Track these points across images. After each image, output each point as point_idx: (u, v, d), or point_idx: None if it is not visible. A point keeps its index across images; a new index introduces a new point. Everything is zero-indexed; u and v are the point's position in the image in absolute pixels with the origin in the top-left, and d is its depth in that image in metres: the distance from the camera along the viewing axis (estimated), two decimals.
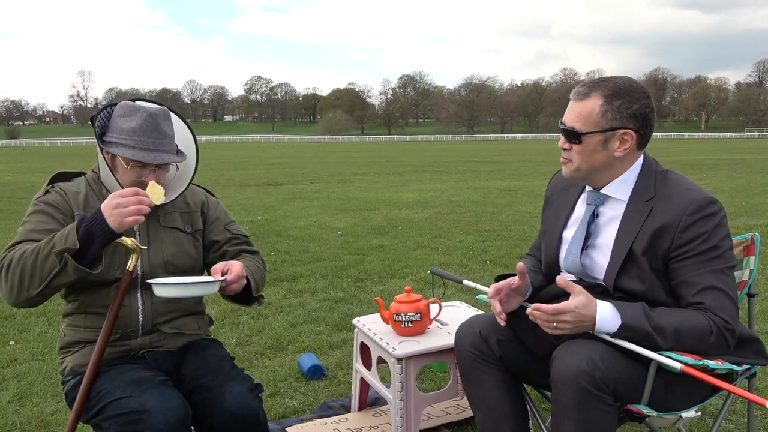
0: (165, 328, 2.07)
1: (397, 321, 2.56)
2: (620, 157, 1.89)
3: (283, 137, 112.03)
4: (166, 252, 2.07)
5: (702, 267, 1.79)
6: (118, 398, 1.77)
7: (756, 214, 9.15)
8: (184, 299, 2.01)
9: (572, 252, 2.00)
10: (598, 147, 1.88)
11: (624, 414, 1.81)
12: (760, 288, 4.96)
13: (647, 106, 1.87)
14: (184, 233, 2.13)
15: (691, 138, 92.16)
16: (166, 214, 2.10)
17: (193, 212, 2.18)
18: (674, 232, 1.81)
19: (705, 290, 1.78)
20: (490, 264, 6.12)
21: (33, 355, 3.82)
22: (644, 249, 1.84)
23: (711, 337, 1.75)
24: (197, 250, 2.16)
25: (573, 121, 1.89)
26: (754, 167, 20.55)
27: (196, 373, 1.97)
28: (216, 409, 1.85)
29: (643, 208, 1.88)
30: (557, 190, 2.19)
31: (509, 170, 20.95)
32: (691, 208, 1.80)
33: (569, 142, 1.92)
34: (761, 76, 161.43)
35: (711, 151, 38.00)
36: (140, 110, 1.97)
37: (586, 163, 1.91)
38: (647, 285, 1.85)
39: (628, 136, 1.86)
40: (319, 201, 11.94)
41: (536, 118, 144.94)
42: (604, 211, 1.98)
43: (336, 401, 3.08)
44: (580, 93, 1.90)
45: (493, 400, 2.06)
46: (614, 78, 1.90)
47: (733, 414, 2.85)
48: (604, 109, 1.85)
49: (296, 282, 5.54)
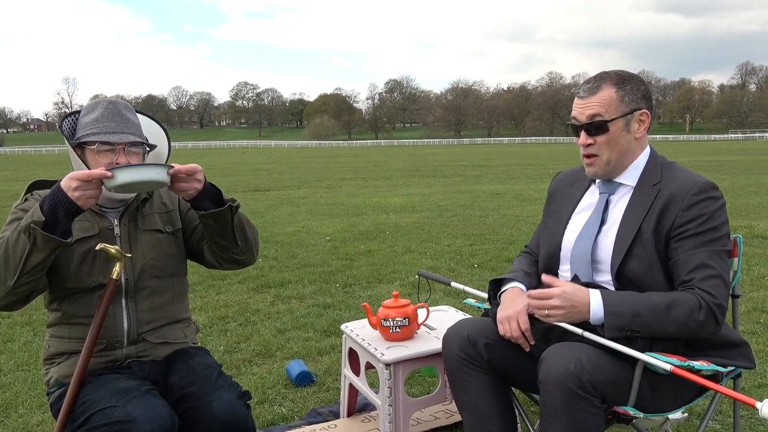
0: (150, 337, 2.05)
1: (385, 326, 2.56)
2: (639, 138, 2.00)
3: (270, 143, 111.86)
4: (147, 256, 2.05)
5: (698, 247, 1.85)
6: (103, 408, 1.75)
7: (740, 215, 9.25)
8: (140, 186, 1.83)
9: (584, 238, 2.03)
10: (623, 132, 1.97)
11: (611, 416, 1.83)
12: (744, 289, 5.01)
13: (648, 88, 2.01)
14: (165, 233, 2.11)
15: (676, 140, 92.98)
16: (144, 217, 2.09)
17: (172, 211, 2.16)
18: (677, 210, 1.88)
19: (697, 268, 1.83)
20: (478, 268, 6.14)
21: (18, 365, 3.78)
22: (652, 229, 1.90)
23: (700, 313, 1.78)
24: (180, 249, 2.15)
25: (594, 112, 1.96)
26: (738, 168, 20.75)
27: (184, 381, 1.96)
28: (204, 418, 1.84)
29: (650, 192, 1.96)
30: (563, 184, 2.26)
31: (496, 174, 21.02)
32: (695, 189, 1.88)
33: (592, 136, 1.98)
34: (744, 78, 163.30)
35: (696, 153, 38.34)
36: (100, 102, 2.02)
37: (614, 151, 1.99)
38: (647, 265, 1.89)
39: (644, 116, 1.99)
40: (307, 206, 11.92)
41: (523, 122, 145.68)
42: (613, 199, 2.05)
43: (325, 407, 3.07)
44: (590, 88, 1.98)
45: (481, 404, 2.06)
46: (610, 70, 2.01)
47: (720, 414, 2.87)
48: (620, 94, 1.95)
49: (284, 288, 5.53)
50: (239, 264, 2.12)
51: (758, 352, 3.63)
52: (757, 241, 7.13)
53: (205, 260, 2.17)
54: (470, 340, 2.08)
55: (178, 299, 2.16)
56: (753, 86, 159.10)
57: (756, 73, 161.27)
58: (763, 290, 5.00)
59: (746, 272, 5.59)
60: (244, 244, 2.06)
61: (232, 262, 2.12)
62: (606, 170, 2.02)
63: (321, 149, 76.90)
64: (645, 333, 1.79)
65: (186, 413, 1.88)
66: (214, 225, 1.97)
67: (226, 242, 2.03)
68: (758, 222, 8.48)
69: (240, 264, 2.12)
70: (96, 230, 2.00)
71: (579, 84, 2.04)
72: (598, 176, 2.06)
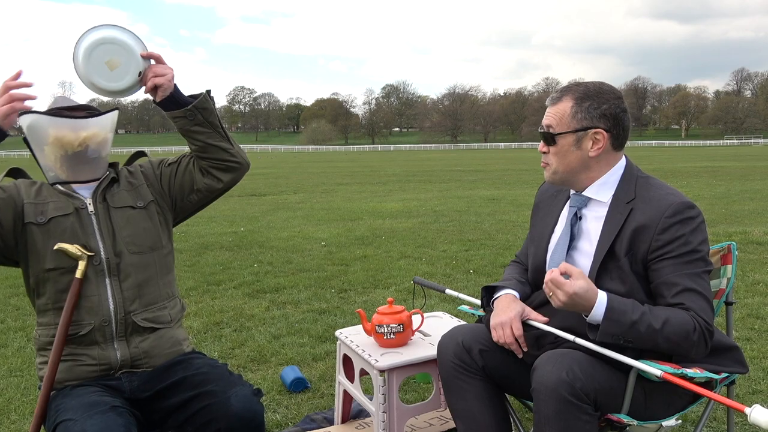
0: (138, 318, 2.03)
1: (379, 332, 2.55)
2: (594, 156, 1.95)
3: (266, 147, 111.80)
4: (123, 233, 2.06)
5: (680, 269, 1.82)
6: (66, 419, 1.77)
7: (735, 222, 9.26)
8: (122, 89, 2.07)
9: (557, 253, 2.03)
10: (572, 148, 1.95)
11: (604, 423, 1.82)
12: (738, 296, 5.01)
13: (617, 106, 1.93)
14: (136, 209, 2.12)
15: (672, 146, 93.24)
16: (114, 196, 2.11)
17: (139, 186, 2.17)
18: (652, 234, 1.84)
19: (684, 292, 1.81)
20: (474, 273, 6.14)
21: (11, 371, 3.77)
22: (625, 250, 1.87)
23: (695, 335, 1.77)
24: (154, 220, 2.15)
25: (548, 123, 1.98)
26: (734, 174, 20.80)
27: (197, 380, 1.96)
28: (222, 414, 1.86)
29: (623, 210, 1.92)
30: (546, 196, 2.24)
31: (493, 179, 21.04)
32: (670, 211, 1.84)
33: (546, 145, 2.00)
34: (739, 84, 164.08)
35: (691, 158, 38.42)
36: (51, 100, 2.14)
37: (562, 164, 1.98)
38: (628, 287, 1.87)
39: (600, 136, 1.93)
40: (303, 211, 11.91)
41: (519, 127, 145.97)
42: (587, 214, 2.01)
43: (319, 414, 3.06)
44: (554, 98, 2.00)
45: (475, 411, 2.06)
46: (586, 82, 1.99)
47: (714, 421, 2.87)
48: (574, 110, 1.93)
49: (279, 294, 5.52)
50: (236, 170, 2.16)
51: (752, 358, 3.63)
52: (752, 247, 7.14)
53: (201, 187, 2.16)
54: (465, 346, 2.08)
55: (162, 273, 2.14)
56: (748, 92, 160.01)
57: (751, 80, 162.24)
58: (757, 296, 5.01)
59: (741, 278, 5.60)
60: (233, 144, 2.13)
61: (229, 171, 2.15)
62: (554, 178, 2.03)
63: (317, 154, 76.95)
64: (637, 345, 1.78)
65: (201, 411, 1.89)
66: (200, 128, 2.06)
67: (218, 142, 2.09)
68: (753, 228, 8.49)
69: (238, 170, 2.16)
70: (71, 209, 2.02)
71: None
72: (549, 182, 2.09)
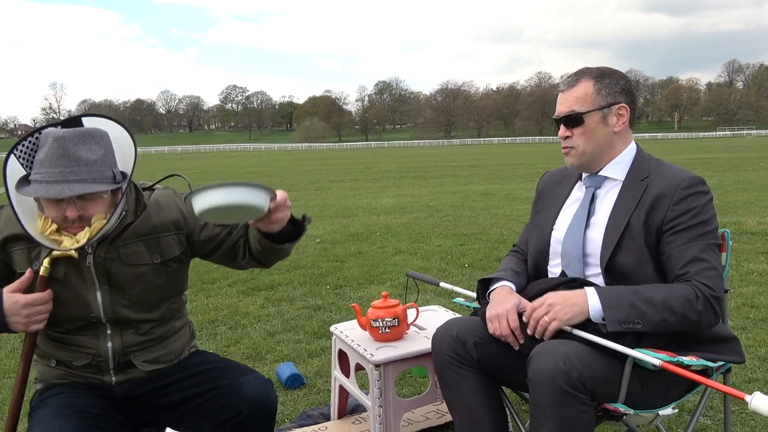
0: (138, 360, 1.91)
1: (374, 327, 2.54)
2: (618, 132, 2.01)
3: (260, 146, 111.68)
4: (132, 292, 1.85)
5: (691, 240, 1.86)
6: (38, 420, 1.78)
7: (729, 212, 9.29)
8: (228, 212, 1.49)
9: (574, 231, 2.04)
10: (599, 125, 1.99)
11: (601, 413, 1.82)
12: (733, 286, 5.03)
13: (630, 83, 2.03)
14: (151, 265, 1.87)
15: (665, 138, 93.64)
16: (127, 247, 1.83)
17: (162, 237, 1.88)
18: (668, 204, 1.89)
19: (691, 262, 1.85)
20: (469, 268, 6.13)
21: (4, 372, 3.74)
22: (643, 221, 1.91)
23: (698, 303, 1.79)
24: (171, 275, 1.92)
25: (570, 106, 2.00)
26: (726, 166, 20.88)
27: (209, 374, 1.94)
28: (234, 400, 1.85)
29: (638, 186, 1.97)
30: (550, 182, 2.27)
31: (486, 174, 21.05)
32: (685, 183, 1.90)
33: (570, 129, 2.02)
34: (731, 76, 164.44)
35: (684, 150, 38.55)
36: (48, 137, 1.66)
37: (590, 143, 2.00)
38: (637, 259, 1.90)
39: (623, 110, 2.00)
40: (297, 209, 11.76)
41: (512, 122, 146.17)
42: (600, 192, 2.05)
43: (315, 410, 3.05)
44: (569, 82, 2.02)
45: (471, 404, 2.05)
46: (594, 66, 2.05)
47: (711, 410, 2.87)
48: (597, 88, 1.98)
49: (274, 290, 5.50)
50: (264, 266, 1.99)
51: (748, 347, 3.64)
52: (746, 237, 7.16)
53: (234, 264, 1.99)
54: (460, 339, 2.06)
55: (170, 314, 1.99)
56: (740, 84, 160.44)
57: (743, 71, 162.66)
58: (752, 286, 5.02)
59: (735, 268, 5.61)
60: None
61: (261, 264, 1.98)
62: (581, 161, 2.04)
63: (311, 152, 76.83)
64: (645, 325, 1.79)
65: (213, 399, 1.87)
66: (285, 246, 1.84)
67: (275, 255, 1.90)
68: (747, 218, 8.52)
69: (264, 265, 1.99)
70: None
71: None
72: (575, 167, 2.09)
